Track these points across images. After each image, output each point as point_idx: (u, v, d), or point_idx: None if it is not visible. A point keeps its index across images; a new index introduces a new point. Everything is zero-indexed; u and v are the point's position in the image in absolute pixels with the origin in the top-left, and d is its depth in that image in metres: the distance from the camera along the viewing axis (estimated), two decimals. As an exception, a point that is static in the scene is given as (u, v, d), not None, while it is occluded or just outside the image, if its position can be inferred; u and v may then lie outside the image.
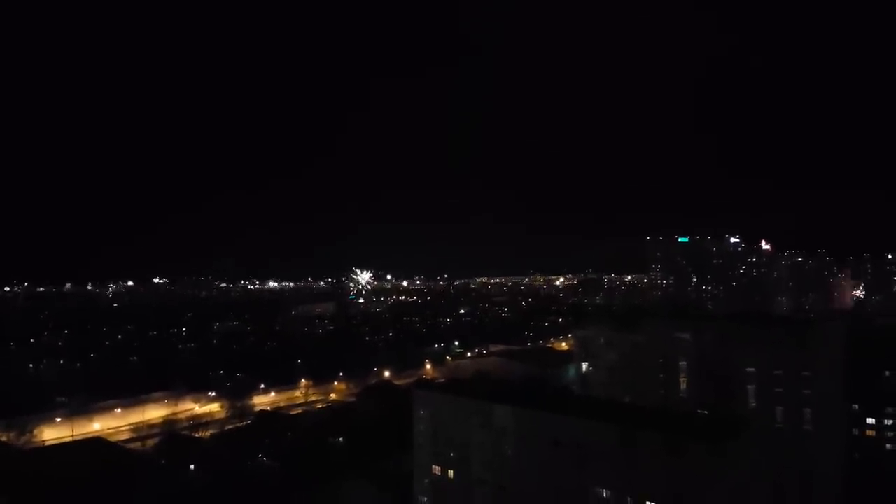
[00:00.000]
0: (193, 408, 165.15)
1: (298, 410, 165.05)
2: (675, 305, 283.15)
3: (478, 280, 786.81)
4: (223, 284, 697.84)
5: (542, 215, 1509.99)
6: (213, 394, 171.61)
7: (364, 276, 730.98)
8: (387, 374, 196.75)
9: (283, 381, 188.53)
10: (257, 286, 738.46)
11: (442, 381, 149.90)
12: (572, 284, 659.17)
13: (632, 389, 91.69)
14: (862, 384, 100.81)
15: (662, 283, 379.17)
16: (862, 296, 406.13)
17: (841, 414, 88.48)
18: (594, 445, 59.43)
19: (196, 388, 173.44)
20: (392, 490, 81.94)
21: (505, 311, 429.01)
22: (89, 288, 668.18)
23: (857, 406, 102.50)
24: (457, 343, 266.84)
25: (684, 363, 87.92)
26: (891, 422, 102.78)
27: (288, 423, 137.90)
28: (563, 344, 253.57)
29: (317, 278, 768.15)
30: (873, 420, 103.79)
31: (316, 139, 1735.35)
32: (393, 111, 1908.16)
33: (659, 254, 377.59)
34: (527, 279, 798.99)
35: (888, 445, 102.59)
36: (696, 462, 53.32)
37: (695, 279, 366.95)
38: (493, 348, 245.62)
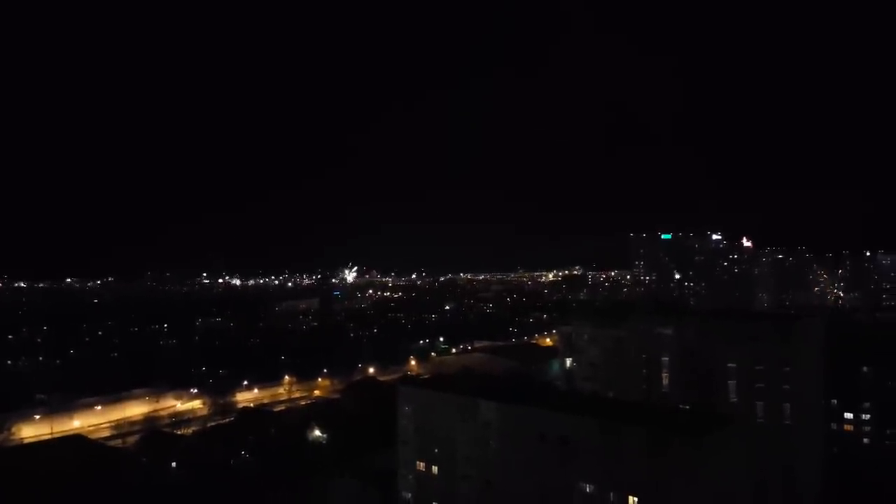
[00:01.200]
0: (175, 405, 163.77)
1: (282, 407, 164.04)
2: (657, 301, 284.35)
3: (463, 276, 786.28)
4: (207, 281, 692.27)
5: (529, 213, 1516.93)
6: (196, 390, 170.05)
7: (349, 273, 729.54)
8: (371, 370, 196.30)
9: (267, 378, 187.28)
10: (241, 283, 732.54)
11: (426, 377, 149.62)
12: (557, 281, 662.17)
13: (615, 385, 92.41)
14: (841, 380, 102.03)
15: (645, 280, 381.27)
16: (841, 292, 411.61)
17: (820, 409, 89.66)
18: (578, 441, 59.73)
19: (178, 385, 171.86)
20: (376, 486, 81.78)
21: (490, 308, 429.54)
22: (69, 283, 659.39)
23: (836, 401, 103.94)
24: (441, 339, 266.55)
25: (667, 359, 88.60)
26: (868, 417, 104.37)
27: (271, 419, 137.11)
28: (548, 340, 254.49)
29: (301, 275, 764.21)
30: (851, 415, 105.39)
31: (307, 137, 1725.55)
32: (386, 112, 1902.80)
33: (642, 250, 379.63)
34: (513, 275, 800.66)
35: (865, 440, 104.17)
36: (678, 457, 53.74)
37: (677, 275, 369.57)
38: (477, 344, 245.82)
